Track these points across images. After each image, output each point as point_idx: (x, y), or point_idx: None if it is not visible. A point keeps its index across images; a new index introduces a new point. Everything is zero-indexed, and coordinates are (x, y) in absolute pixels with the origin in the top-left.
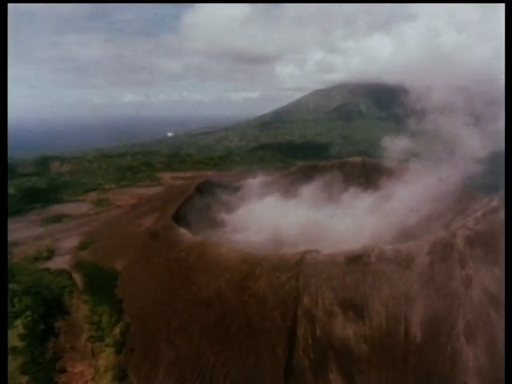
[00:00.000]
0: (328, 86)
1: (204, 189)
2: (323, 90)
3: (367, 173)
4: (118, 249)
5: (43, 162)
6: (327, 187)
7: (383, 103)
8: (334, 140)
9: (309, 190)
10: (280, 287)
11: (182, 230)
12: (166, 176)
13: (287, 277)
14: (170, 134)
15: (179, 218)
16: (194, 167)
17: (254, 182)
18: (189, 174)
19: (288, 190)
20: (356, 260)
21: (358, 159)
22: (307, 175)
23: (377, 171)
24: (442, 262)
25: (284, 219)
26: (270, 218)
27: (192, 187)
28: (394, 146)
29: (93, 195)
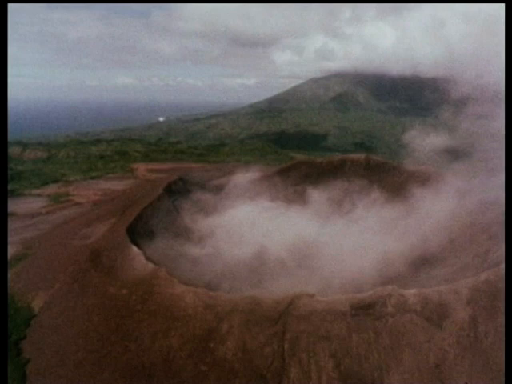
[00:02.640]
0: (326, 74)
1: (176, 188)
2: (320, 79)
3: (371, 173)
4: (47, 274)
5: None
6: (324, 191)
7: (382, 95)
8: (329, 131)
9: (301, 195)
10: (256, 351)
11: (134, 250)
12: (141, 168)
13: (267, 335)
14: (161, 119)
15: (139, 226)
16: (174, 158)
17: (238, 180)
18: (168, 165)
19: (276, 193)
20: (366, 310)
21: (360, 156)
22: (301, 174)
23: (383, 172)
24: (490, 318)
25: (268, 232)
26: (251, 230)
27: (163, 185)
28: (410, 143)
29: (52, 188)
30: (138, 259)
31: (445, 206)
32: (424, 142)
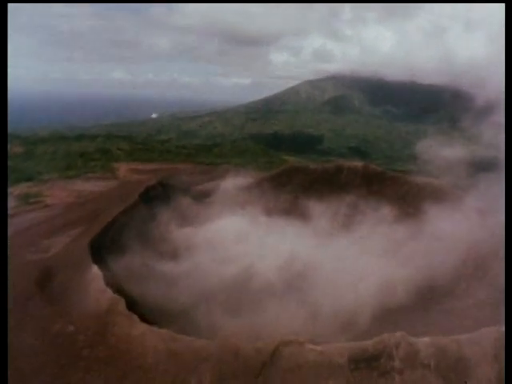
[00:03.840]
0: (322, 76)
1: (155, 194)
2: (316, 81)
3: (370, 183)
4: None
5: None
6: (318, 203)
7: (378, 99)
8: (323, 134)
9: (293, 206)
10: None
11: (93, 271)
12: (123, 168)
13: None
14: (154, 116)
15: (108, 238)
16: (160, 157)
17: (225, 186)
18: (152, 166)
19: (266, 203)
20: (369, 363)
21: (358, 165)
22: (293, 181)
23: (382, 182)
24: None
25: (255, 249)
26: (237, 245)
27: (140, 189)
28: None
29: (23, 188)
30: (95, 284)
31: (456, 226)
32: (424, 150)
